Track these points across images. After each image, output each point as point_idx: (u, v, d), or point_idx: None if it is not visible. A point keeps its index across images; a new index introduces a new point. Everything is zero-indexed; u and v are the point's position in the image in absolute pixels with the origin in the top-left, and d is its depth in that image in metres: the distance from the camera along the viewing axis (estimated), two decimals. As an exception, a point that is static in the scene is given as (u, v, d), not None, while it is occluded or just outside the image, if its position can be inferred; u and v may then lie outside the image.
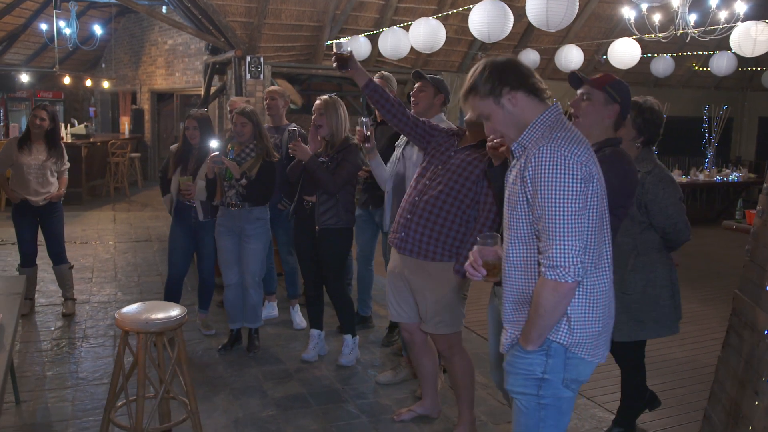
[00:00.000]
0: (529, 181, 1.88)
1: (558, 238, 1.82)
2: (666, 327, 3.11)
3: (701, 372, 4.21)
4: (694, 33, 6.86)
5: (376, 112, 4.64)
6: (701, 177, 10.18)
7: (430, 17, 6.79)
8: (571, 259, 1.82)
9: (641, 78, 11.87)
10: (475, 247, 2.10)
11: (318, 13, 9.38)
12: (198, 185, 4.28)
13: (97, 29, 11.72)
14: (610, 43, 8.33)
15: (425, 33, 6.53)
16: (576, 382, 2.01)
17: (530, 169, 1.87)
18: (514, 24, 9.12)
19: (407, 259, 3.15)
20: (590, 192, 1.86)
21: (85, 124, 12.59)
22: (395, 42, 7.26)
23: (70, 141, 11.09)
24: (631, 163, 2.61)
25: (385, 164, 3.84)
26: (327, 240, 4.07)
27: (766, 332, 2.41)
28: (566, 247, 1.82)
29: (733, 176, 10.47)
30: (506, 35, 5.56)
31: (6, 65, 14.78)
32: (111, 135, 14.16)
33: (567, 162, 1.82)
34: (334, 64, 3.21)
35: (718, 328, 4.90)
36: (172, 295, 4.59)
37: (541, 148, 1.86)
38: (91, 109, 16.70)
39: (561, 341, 1.93)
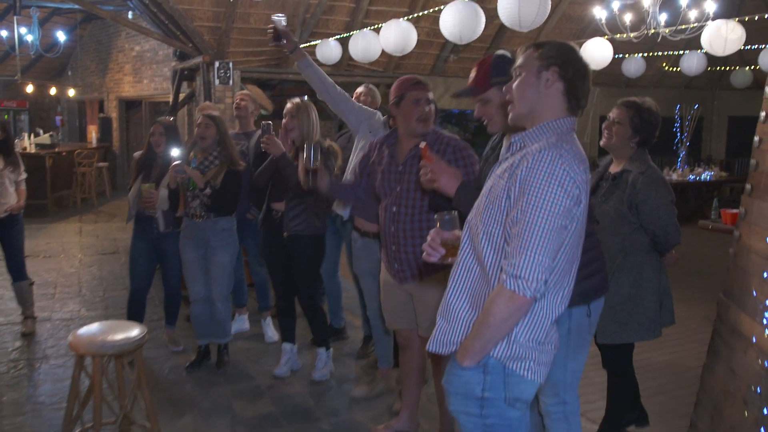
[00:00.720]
0: (518, 180, 1.75)
1: (530, 248, 1.70)
2: (649, 330, 3.02)
3: (684, 376, 4.13)
4: (665, 32, 6.83)
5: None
6: (674, 176, 10.20)
7: (401, 19, 6.66)
8: (536, 274, 1.69)
9: (613, 79, 11.89)
10: (434, 229, 1.99)
11: (288, 16, 9.13)
12: (161, 194, 4.09)
13: (61, 36, 11.39)
14: (582, 43, 8.29)
15: (396, 35, 6.40)
16: (520, 401, 1.87)
17: (524, 168, 1.74)
18: (486, 25, 9.04)
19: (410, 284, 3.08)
20: (574, 214, 1.75)
21: (50, 133, 12.25)
22: (366, 45, 7.12)
23: (34, 151, 10.77)
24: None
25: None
26: (297, 247, 3.91)
27: (754, 339, 2.31)
28: (535, 260, 1.69)
29: (706, 175, 10.52)
30: (478, 36, 5.45)
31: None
32: (77, 144, 13.83)
33: (565, 176, 1.70)
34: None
35: (700, 329, 4.83)
36: (135, 311, 4.40)
37: (543, 152, 1.73)
38: (58, 118, 16.27)
39: (498, 356, 1.81)
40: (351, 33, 7.88)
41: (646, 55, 10.04)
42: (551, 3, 9.95)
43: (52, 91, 15.60)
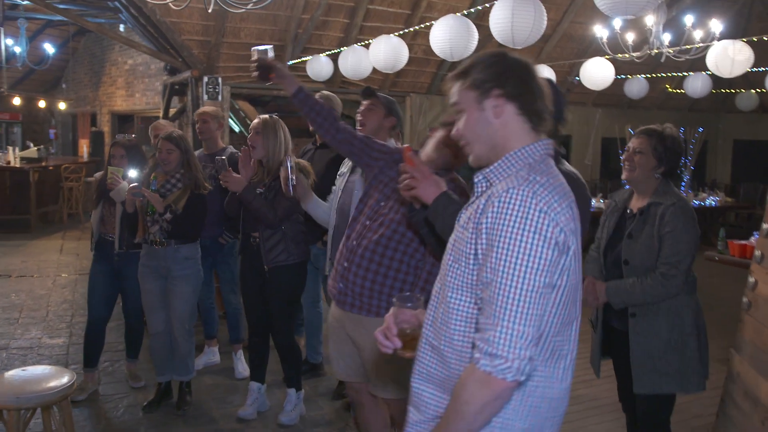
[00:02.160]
0: (484, 230, 1.39)
1: (506, 317, 1.34)
2: (692, 382, 2.65)
3: (689, 425, 3.76)
4: (669, 52, 6.53)
5: (317, 135, 4.20)
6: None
7: (391, 35, 6.37)
8: (517, 350, 1.33)
9: (615, 100, 11.62)
10: (392, 310, 1.62)
11: (279, 31, 8.94)
12: (122, 185, 3.72)
13: (49, 48, 11.14)
14: (582, 63, 8.00)
15: (386, 51, 6.11)
16: None
17: (490, 214, 1.39)
18: (485, 44, 8.78)
19: (347, 313, 2.67)
20: (562, 266, 1.39)
21: (38, 147, 11.96)
22: (356, 61, 6.84)
23: (18, 165, 10.47)
24: (579, 180, 2.26)
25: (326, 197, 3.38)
26: (277, 280, 3.57)
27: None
28: (514, 332, 1.33)
29: (711, 200, 10.18)
30: (471, 53, 5.15)
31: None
32: (65, 158, 13.53)
33: (543, 219, 1.35)
34: (254, 74, 2.73)
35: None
36: (91, 343, 4.07)
37: (511, 191, 1.38)
38: (51, 131, 16.03)
39: None
40: (342, 49, 7.59)
41: (649, 76, 9.76)
42: (551, 23, 9.77)
43: (41, 103, 15.31)
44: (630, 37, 7.05)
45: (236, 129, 12.12)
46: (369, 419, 2.93)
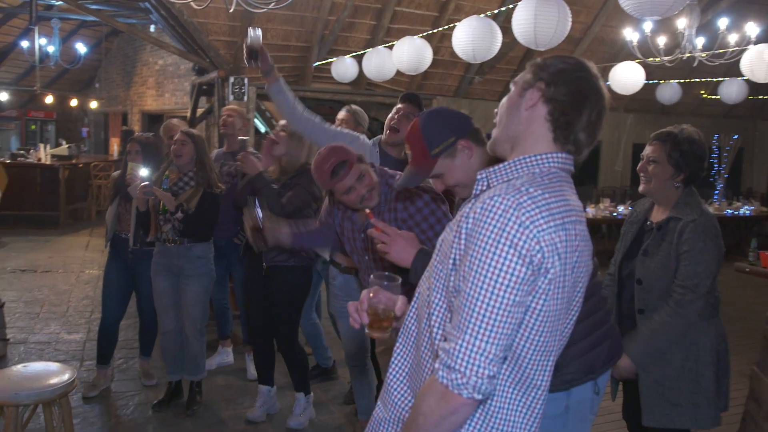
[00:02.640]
0: (464, 235, 1.31)
1: (470, 331, 1.24)
2: (707, 416, 2.44)
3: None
4: (702, 56, 6.34)
5: None
6: (710, 210, 9.60)
7: (415, 36, 6.30)
8: (476, 367, 1.23)
9: (647, 105, 11.37)
10: (369, 288, 1.56)
11: (306, 33, 8.94)
12: (141, 175, 3.68)
13: (81, 48, 11.31)
14: (612, 67, 7.83)
15: (409, 53, 6.04)
16: None
17: (471, 220, 1.30)
18: (513, 47, 8.65)
19: None
20: (538, 288, 1.27)
21: (68, 145, 12.16)
22: (380, 63, 6.77)
23: (49, 162, 10.65)
24: None
25: None
26: (277, 280, 3.53)
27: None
28: (475, 348, 1.24)
29: (745, 210, 9.88)
30: (494, 54, 5.05)
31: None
32: (95, 156, 13.74)
33: (520, 233, 1.24)
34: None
35: (732, 386, 4.29)
36: (105, 340, 4.08)
37: (495, 198, 1.27)
38: (84, 130, 16.32)
39: None
40: (366, 50, 7.54)
41: (682, 81, 9.52)
42: (582, 25, 9.59)
43: (73, 102, 15.58)
44: (661, 40, 6.87)
45: (262, 129, 12.16)
46: None
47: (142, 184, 3.54)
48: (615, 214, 8.80)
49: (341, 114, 4.03)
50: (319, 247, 3.38)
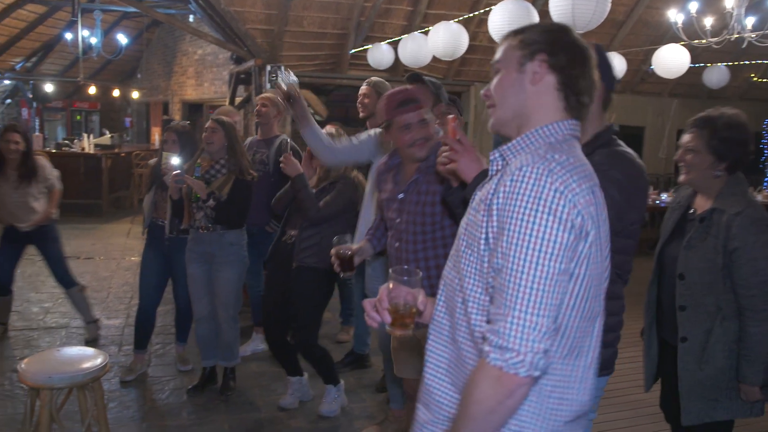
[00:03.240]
0: (495, 211, 1.27)
1: (518, 307, 1.21)
2: (746, 404, 2.34)
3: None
4: (752, 37, 6.08)
5: (368, 123, 4.12)
6: (760, 198, 9.27)
7: (451, 21, 6.20)
8: (530, 342, 1.20)
9: (693, 90, 11.01)
10: (387, 284, 1.51)
11: (342, 20, 8.90)
12: (173, 162, 3.70)
13: (122, 39, 11.51)
14: (656, 50, 7.58)
15: (445, 38, 5.94)
16: None
17: (501, 194, 1.26)
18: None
19: None
20: (580, 253, 1.25)
21: (111, 134, 12.42)
22: (415, 49, 6.69)
23: (92, 152, 10.89)
24: (633, 162, 1.99)
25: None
26: (301, 280, 3.48)
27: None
28: (527, 323, 1.20)
29: (796, 197, 9.53)
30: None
31: (42, 75, 14.83)
32: (137, 146, 14.01)
33: (558, 198, 1.22)
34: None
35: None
36: (141, 325, 4.15)
37: (524, 169, 1.25)
38: (127, 120, 16.66)
39: None
40: (402, 36, 7.46)
41: (730, 64, 9.17)
42: (625, 8, 9.31)
43: (115, 92, 15.89)
44: (708, 21, 6.61)
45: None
46: None
47: (174, 172, 3.57)
48: (658, 202, 8.57)
49: (363, 88, 3.96)
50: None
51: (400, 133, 2.48)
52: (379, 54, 7.81)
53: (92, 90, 15.41)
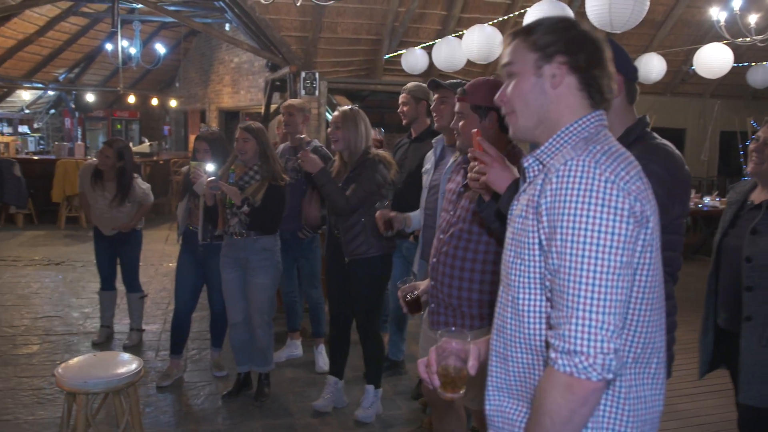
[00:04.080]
0: (545, 212, 1.22)
1: (581, 306, 1.15)
2: None
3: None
4: (798, 35, 5.88)
5: (411, 129, 4.10)
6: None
7: (485, 24, 6.14)
8: (599, 343, 1.13)
9: (736, 90, 10.73)
10: (435, 346, 1.47)
11: (376, 25, 8.92)
12: (204, 179, 3.73)
13: (160, 48, 11.74)
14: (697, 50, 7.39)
15: (479, 41, 5.89)
16: None
17: (549, 193, 1.21)
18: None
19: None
20: (644, 241, 1.21)
21: (150, 143, 12.66)
22: (450, 53, 6.65)
23: (132, 159, 11.10)
24: (673, 154, 1.94)
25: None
26: (358, 271, 3.52)
27: None
28: (593, 322, 1.14)
29: None
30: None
31: (83, 86, 15.20)
32: (175, 153, 14.24)
33: (611, 188, 1.17)
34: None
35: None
36: (177, 331, 4.18)
37: (569, 163, 1.21)
38: (166, 128, 16.96)
39: None
40: (436, 41, 7.42)
41: (775, 63, 8.89)
42: (664, 7, 9.10)
43: (154, 101, 16.19)
44: (752, 19, 6.42)
45: (334, 124, 12.25)
46: (445, 421, 2.79)
47: (209, 179, 3.59)
48: (701, 206, 8.33)
49: (401, 97, 4.02)
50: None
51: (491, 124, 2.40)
52: (414, 59, 7.79)
53: (132, 99, 15.74)
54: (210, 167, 3.67)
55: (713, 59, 6.61)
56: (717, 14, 6.37)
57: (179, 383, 4.14)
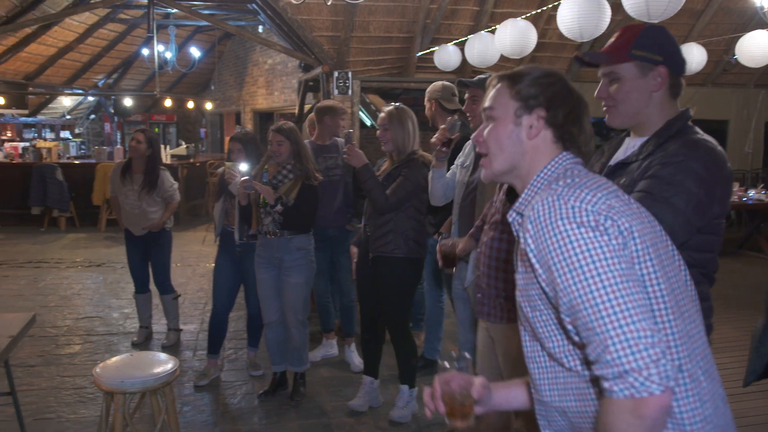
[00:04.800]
0: (535, 260, 1.21)
1: (610, 326, 1.08)
2: None
3: None
4: None
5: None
6: None
7: (518, 18, 6.04)
8: (645, 353, 1.06)
9: (782, 80, 10.38)
10: (437, 374, 1.45)
11: (408, 23, 8.88)
12: (238, 179, 3.75)
13: (195, 52, 11.90)
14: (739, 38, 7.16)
15: (512, 36, 5.79)
16: None
17: (530, 241, 1.22)
18: (620, 22, 8.12)
19: (489, 324, 2.53)
20: (636, 253, 1.18)
21: (186, 145, 12.84)
22: (482, 48, 6.56)
23: (169, 162, 11.28)
24: (714, 151, 1.80)
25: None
26: (382, 270, 3.50)
27: None
28: (629, 335, 1.07)
29: None
30: (602, 31, 4.72)
31: (122, 91, 15.52)
32: (212, 155, 14.42)
33: (577, 211, 1.17)
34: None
35: None
36: (214, 330, 4.21)
37: (535, 206, 1.22)
38: (202, 131, 17.20)
39: None
40: (468, 37, 7.35)
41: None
42: (704, -5, 8.84)
43: (190, 104, 16.43)
44: (797, 5, 6.20)
45: (367, 123, 12.25)
46: (495, 422, 2.75)
47: (243, 179, 3.60)
48: (745, 199, 8.08)
49: (427, 105, 3.98)
50: (435, 189, 3.36)
51: None
52: (446, 56, 7.73)
53: (168, 103, 16.00)
54: (244, 167, 3.68)
55: (757, 47, 6.39)
56: (760, 1, 6.16)
57: (216, 382, 4.17)
